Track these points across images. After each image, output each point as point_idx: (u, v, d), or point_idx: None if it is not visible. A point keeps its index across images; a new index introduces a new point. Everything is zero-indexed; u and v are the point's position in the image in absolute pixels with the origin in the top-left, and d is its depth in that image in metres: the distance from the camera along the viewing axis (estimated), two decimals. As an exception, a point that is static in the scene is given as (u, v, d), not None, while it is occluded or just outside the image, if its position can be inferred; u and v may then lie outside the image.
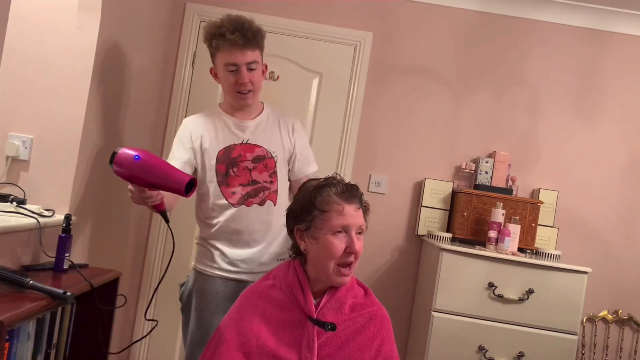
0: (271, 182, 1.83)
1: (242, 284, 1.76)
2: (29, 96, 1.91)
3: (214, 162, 1.81)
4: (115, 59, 2.14)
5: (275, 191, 1.83)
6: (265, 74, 1.90)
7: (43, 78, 1.91)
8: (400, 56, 2.86)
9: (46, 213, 1.79)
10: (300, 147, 1.93)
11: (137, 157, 1.41)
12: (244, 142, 1.83)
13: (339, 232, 1.35)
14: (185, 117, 2.77)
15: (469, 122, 2.86)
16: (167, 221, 1.59)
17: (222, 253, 1.81)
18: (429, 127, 2.86)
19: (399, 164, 2.86)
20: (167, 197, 1.61)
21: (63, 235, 1.75)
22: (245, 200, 1.80)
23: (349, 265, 1.36)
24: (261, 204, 1.81)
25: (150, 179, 1.42)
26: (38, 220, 1.71)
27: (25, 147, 1.91)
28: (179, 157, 1.82)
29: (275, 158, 1.84)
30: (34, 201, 1.88)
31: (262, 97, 2.09)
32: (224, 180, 1.81)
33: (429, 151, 2.86)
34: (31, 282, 1.38)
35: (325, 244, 1.35)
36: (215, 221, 1.82)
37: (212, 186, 1.82)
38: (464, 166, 2.78)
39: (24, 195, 1.86)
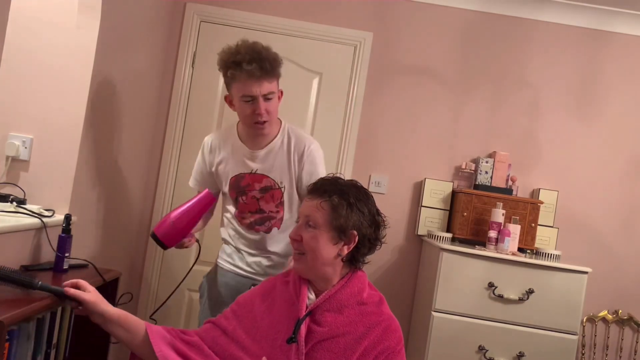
0: (277, 211, 1.86)
1: (251, 280, 1.86)
2: (29, 96, 1.91)
3: (227, 188, 1.88)
4: (115, 59, 2.14)
5: (281, 218, 1.87)
6: (281, 100, 1.83)
7: (43, 78, 1.91)
8: (400, 56, 2.86)
9: (46, 213, 1.79)
10: (308, 174, 1.82)
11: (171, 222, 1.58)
12: (253, 171, 1.84)
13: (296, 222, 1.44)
14: (185, 117, 2.81)
15: (469, 122, 2.86)
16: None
17: (236, 253, 1.94)
18: (429, 127, 2.86)
19: (399, 164, 2.86)
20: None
21: (63, 235, 1.75)
22: (254, 227, 1.87)
23: (295, 252, 1.39)
24: (267, 231, 1.88)
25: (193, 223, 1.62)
26: (42, 220, 1.71)
27: (25, 147, 1.91)
28: (201, 173, 1.95)
29: (283, 189, 1.84)
30: (34, 201, 1.88)
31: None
32: (236, 205, 1.89)
33: (429, 151, 2.86)
34: (40, 283, 1.38)
35: None
36: (231, 232, 1.94)
37: (229, 208, 1.93)
38: (464, 166, 2.78)
39: (24, 195, 1.86)
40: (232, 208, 1.91)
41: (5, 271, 1.34)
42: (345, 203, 1.35)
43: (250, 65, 1.66)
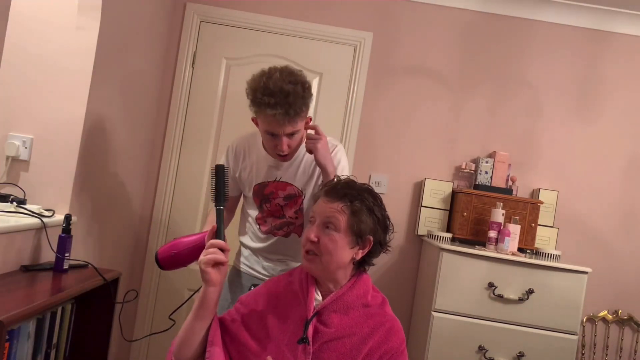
0: (296, 217, 1.86)
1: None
2: (29, 96, 1.91)
3: (250, 194, 1.89)
4: (115, 59, 2.14)
5: (301, 225, 1.87)
6: (309, 124, 1.75)
7: (43, 78, 1.91)
8: (400, 56, 2.86)
9: (46, 213, 1.79)
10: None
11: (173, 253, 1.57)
12: (277, 179, 1.83)
13: (309, 221, 1.41)
14: (185, 117, 2.81)
15: (469, 122, 2.86)
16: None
17: (252, 256, 1.95)
18: (429, 127, 2.86)
19: (399, 164, 2.86)
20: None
21: (63, 235, 1.76)
22: (272, 232, 1.88)
23: (306, 252, 1.35)
24: (286, 236, 1.88)
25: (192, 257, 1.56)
26: (42, 220, 1.71)
27: (25, 147, 1.91)
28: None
29: (303, 195, 1.83)
30: (34, 201, 1.88)
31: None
32: (260, 211, 1.89)
33: (429, 151, 2.86)
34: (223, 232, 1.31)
35: None
36: (250, 235, 1.96)
37: (251, 212, 1.93)
38: (464, 166, 2.78)
39: (24, 195, 1.86)
40: (253, 212, 1.92)
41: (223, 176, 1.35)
42: (365, 209, 1.37)
43: (273, 110, 1.58)
